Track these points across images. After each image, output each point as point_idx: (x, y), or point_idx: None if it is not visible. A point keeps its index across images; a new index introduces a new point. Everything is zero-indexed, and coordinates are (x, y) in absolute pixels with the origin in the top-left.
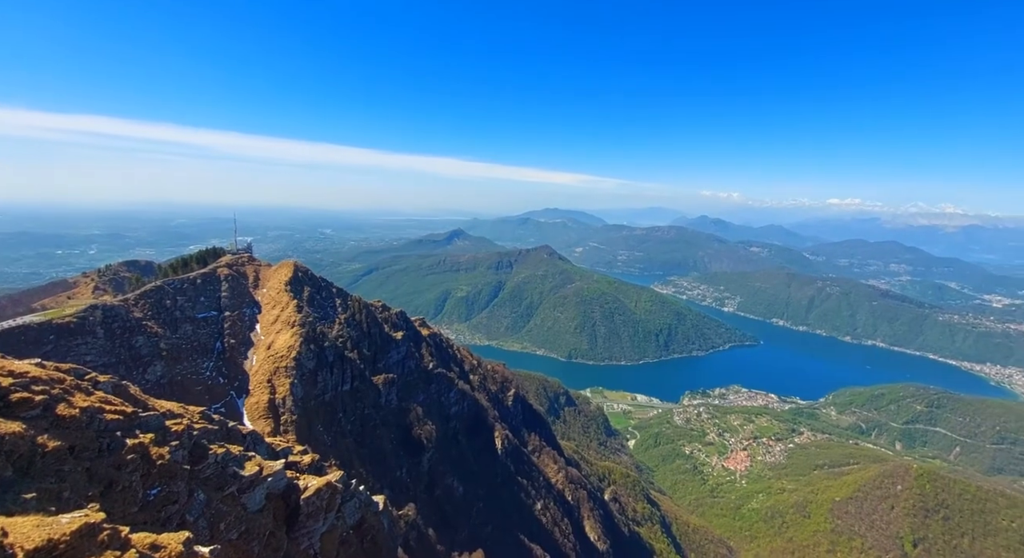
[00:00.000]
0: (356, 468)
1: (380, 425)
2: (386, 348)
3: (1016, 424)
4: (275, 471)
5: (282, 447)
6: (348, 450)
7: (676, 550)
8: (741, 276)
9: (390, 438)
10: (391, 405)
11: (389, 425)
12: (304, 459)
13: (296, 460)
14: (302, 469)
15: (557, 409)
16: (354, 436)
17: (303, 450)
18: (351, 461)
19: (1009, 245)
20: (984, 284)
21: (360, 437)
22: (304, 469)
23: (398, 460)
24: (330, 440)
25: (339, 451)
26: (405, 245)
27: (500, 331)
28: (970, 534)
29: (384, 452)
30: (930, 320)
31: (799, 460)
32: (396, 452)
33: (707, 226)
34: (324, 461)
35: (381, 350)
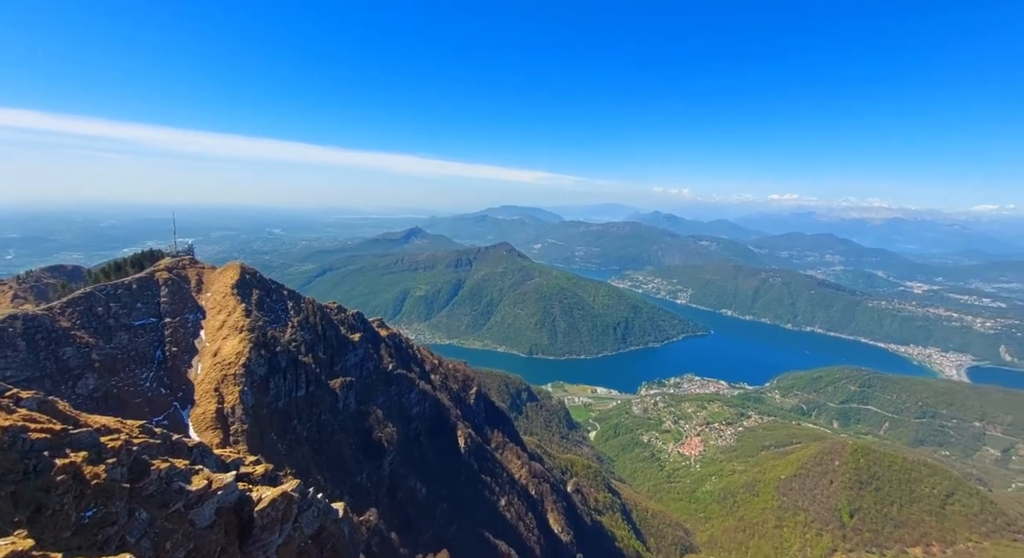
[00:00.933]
0: (314, 476)
1: (338, 430)
2: (343, 351)
3: (935, 399)
4: (225, 484)
5: (232, 458)
6: (305, 458)
7: (636, 536)
8: (692, 269)
9: (349, 443)
10: (349, 409)
11: (348, 430)
12: (257, 469)
13: (248, 471)
14: (255, 480)
15: (519, 405)
16: (311, 443)
17: (256, 460)
18: (308, 469)
19: (927, 236)
20: (906, 272)
21: (317, 443)
22: (257, 480)
23: (358, 465)
24: (285, 448)
25: (295, 459)
26: (361, 244)
27: (461, 329)
28: (898, 502)
29: (343, 457)
30: (861, 307)
31: (748, 442)
32: (356, 457)
33: (660, 221)
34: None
35: (338, 353)
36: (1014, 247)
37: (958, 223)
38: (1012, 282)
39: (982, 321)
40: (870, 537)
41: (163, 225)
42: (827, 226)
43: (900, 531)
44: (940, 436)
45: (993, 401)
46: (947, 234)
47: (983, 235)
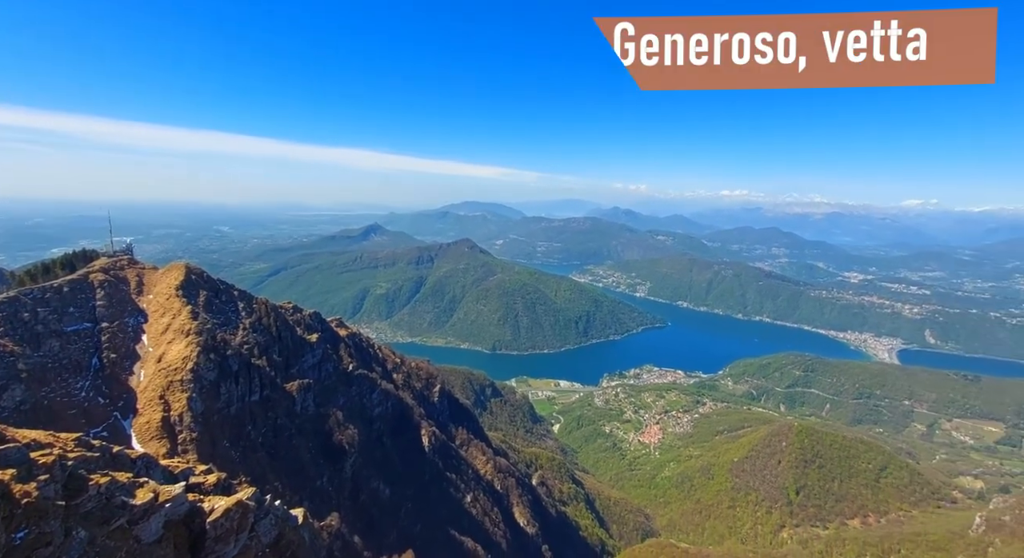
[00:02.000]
0: (271, 482)
1: (296, 434)
2: (300, 352)
3: (870, 381)
4: (174, 496)
5: (181, 469)
6: (261, 464)
7: (600, 524)
8: (650, 263)
9: (308, 447)
10: (308, 412)
11: (306, 433)
12: (209, 479)
13: (199, 481)
14: (207, 490)
15: (484, 401)
16: (267, 449)
17: (207, 469)
18: (265, 475)
19: (862, 229)
20: (844, 263)
21: (274, 449)
22: (209, 490)
23: (318, 469)
24: (239, 456)
25: (250, 466)
26: (317, 242)
27: (423, 327)
28: (839, 477)
29: (302, 462)
30: (804, 296)
31: (703, 428)
32: (315, 461)
33: (619, 216)
34: (233, 479)
35: (294, 355)
36: (936, 239)
37: (889, 217)
38: (935, 271)
39: (910, 308)
40: (814, 512)
41: (97, 223)
42: (773, 220)
43: (841, 505)
44: (874, 415)
45: (920, 381)
46: (879, 227)
47: (910, 228)
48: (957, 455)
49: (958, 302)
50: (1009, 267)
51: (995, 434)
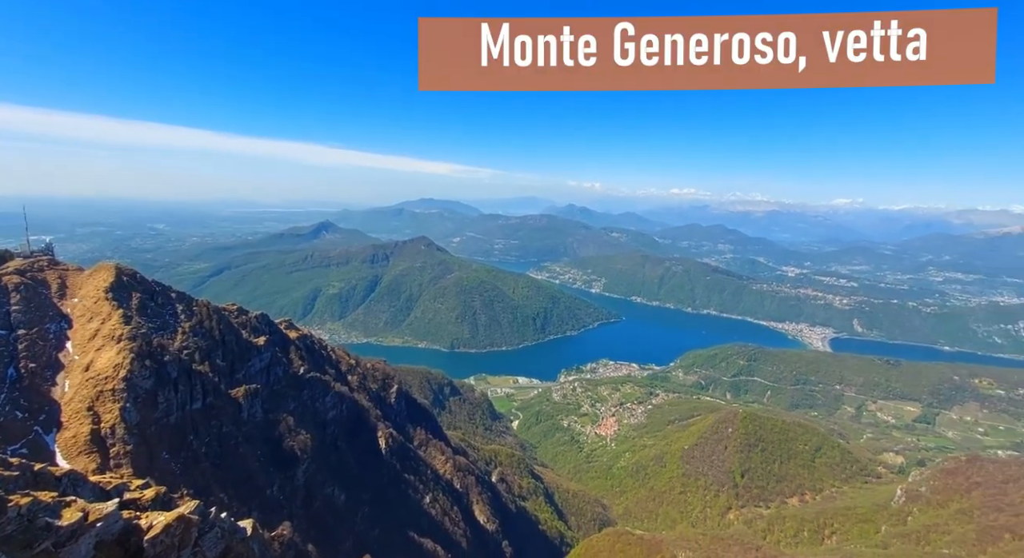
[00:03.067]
0: (216, 494)
1: (243, 442)
2: (246, 356)
3: (806, 368)
4: (106, 514)
5: (114, 485)
6: (204, 475)
7: (559, 516)
8: (605, 259)
9: (256, 455)
10: (256, 418)
11: (255, 441)
12: (146, 494)
13: (135, 497)
14: (144, 506)
15: (442, 400)
16: (212, 459)
17: (144, 484)
18: (209, 487)
19: (798, 226)
20: (782, 258)
21: (219, 459)
22: (146, 506)
23: (268, 477)
24: (180, 468)
25: (193, 478)
26: (263, 240)
27: (379, 327)
28: (779, 459)
29: (250, 471)
30: (747, 290)
31: (656, 418)
32: (265, 469)
33: (574, 214)
34: (174, 492)
35: (240, 359)
36: (862, 235)
37: (821, 214)
38: (861, 264)
39: (840, 299)
40: (758, 493)
41: (10, 220)
42: (719, 218)
43: (781, 485)
44: (810, 399)
45: (849, 366)
46: (813, 224)
47: (840, 225)
48: (881, 434)
49: (881, 293)
50: (923, 261)
51: (913, 413)
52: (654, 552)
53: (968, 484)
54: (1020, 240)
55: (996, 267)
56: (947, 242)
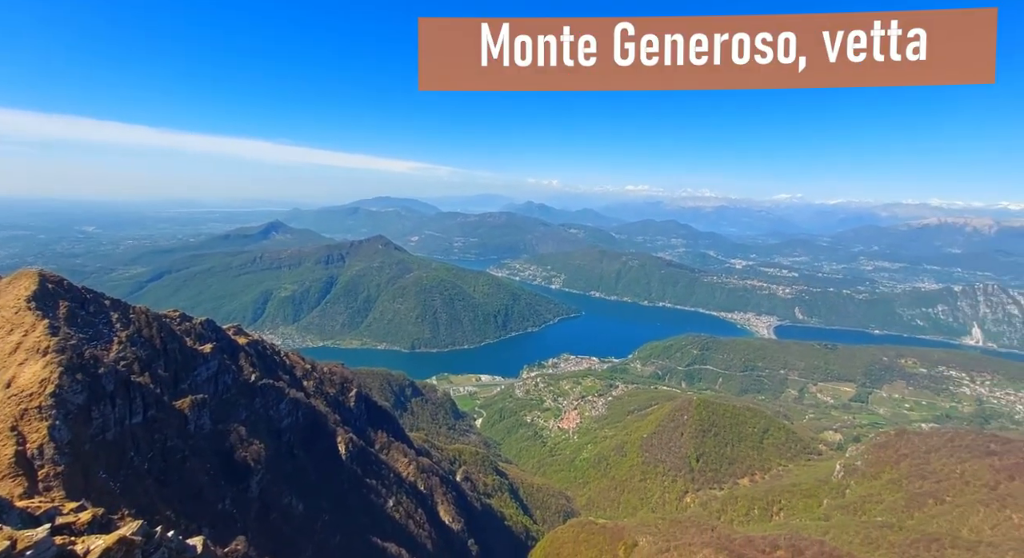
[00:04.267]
0: (162, 512)
1: (191, 456)
2: (191, 365)
3: (753, 355)
4: (37, 541)
5: (45, 509)
6: (148, 493)
7: (524, 511)
8: (564, 255)
9: (206, 468)
10: (204, 430)
11: (203, 453)
12: (82, 517)
13: (69, 521)
14: (79, 530)
15: (404, 401)
16: (156, 475)
17: (79, 506)
18: (154, 505)
19: (743, 220)
20: (731, 251)
21: (164, 474)
22: (83, 529)
23: (219, 491)
24: (120, 486)
25: (135, 497)
26: (207, 241)
27: (336, 329)
28: (731, 442)
29: (200, 485)
30: (699, 282)
31: (617, 409)
32: (216, 482)
33: (533, 211)
34: (113, 514)
35: (184, 368)
36: (801, 228)
37: (764, 209)
38: (801, 256)
39: (782, 289)
40: (712, 476)
41: None
42: (671, 213)
43: (733, 467)
44: (757, 384)
45: (792, 352)
46: (758, 218)
47: (781, 219)
48: (821, 413)
49: (819, 282)
50: (855, 251)
51: (849, 393)
52: (616, 539)
53: (897, 456)
54: (938, 231)
55: (918, 256)
56: (876, 233)
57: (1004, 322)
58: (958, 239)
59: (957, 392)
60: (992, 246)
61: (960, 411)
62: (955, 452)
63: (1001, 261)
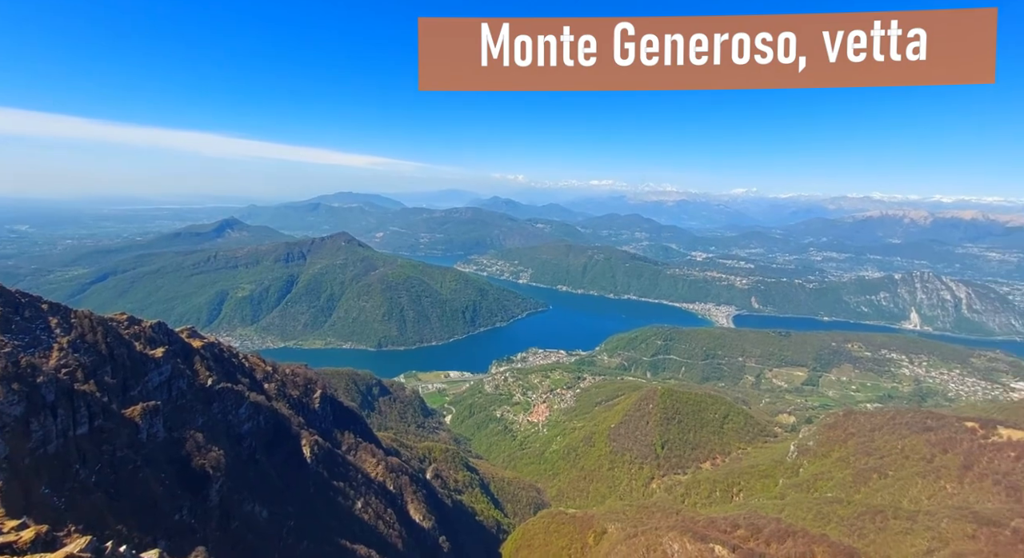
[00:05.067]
0: (112, 526)
1: (144, 465)
2: (141, 371)
3: (713, 344)
4: None
5: None
6: (97, 507)
7: (495, 505)
8: (531, 250)
9: (160, 478)
10: (157, 439)
11: (157, 463)
12: (23, 535)
13: (10, 540)
14: (22, 549)
15: (371, 401)
16: (105, 487)
17: (19, 524)
18: (104, 519)
19: (703, 214)
20: (691, 244)
21: (114, 487)
22: (25, 549)
23: (175, 501)
24: (65, 501)
25: (82, 512)
26: (156, 240)
27: (298, 329)
28: (693, 429)
29: (154, 497)
30: (662, 275)
31: (585, 401)
32: (172, 493)
33: (499, 206)
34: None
35: (133, 375)
36: (756, 221)
37: (723, 203)
38: (757, 248)
39: (740, 279)
40: (676, 461)
41: None
42: (635, 207)
43: (696, 452)
44: (718, 372)
45: (749, 340)
46: (716, 212)
47: (738, 212)
48: (777, 398)
49: (773, 273)
50: (806, 243)
51: (801, 377)
52: (586, 528)
53: (845, 435)
54: (879, 223)
55: (862, 246)
56: (824, 225)
57: (938, 307)
58: (897, 230)
59: (897, 373)
60: (927, 236)
61: (900, 391)
62: (896, 429)
63: (936, 250)
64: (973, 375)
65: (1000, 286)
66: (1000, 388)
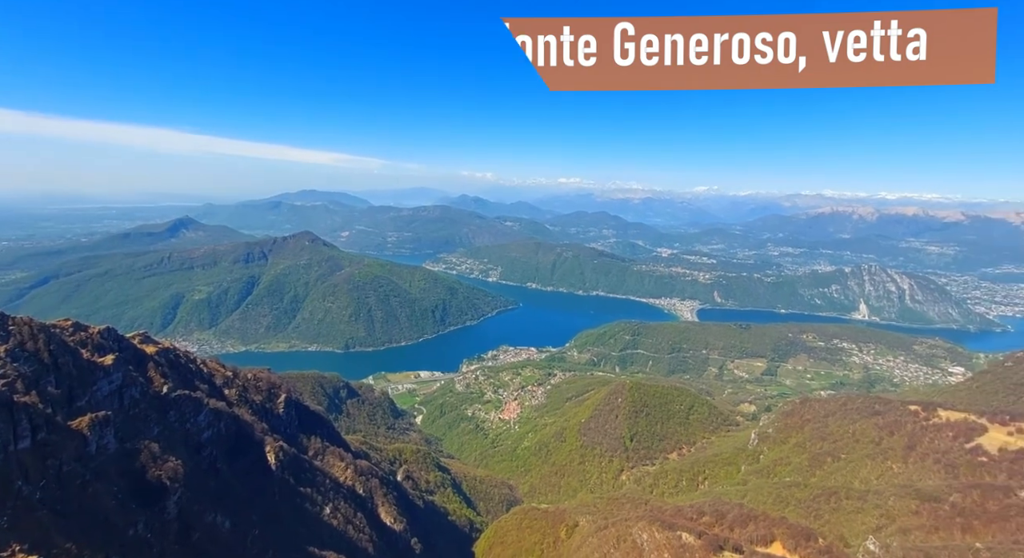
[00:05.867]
0: (60, 545)
1: (94, 480)
2: (89, 380)
3: (679, 337)
4: None
5: None
6: (43, 525)
7: (468, 504)
8: (500, 248)
9: (112, 492)
10: (108, 451)
11: (108, 476)
12: None
13: None
14: None
15: (339, 404)
16: (50, 504)
17: None
18: (50, 538)
19: (667, 211)
20: (657, 240)
21: (61, 503)
22: None
23: (130, 515)
24: (7, 520)
25: (26, 531)
26: (103, 241)
27: (260, 332)
28: (661, 420)
29: (105, 512)
30: (629, 271)
31: (555, 397)
32: (125, 506)
33: (468, 204)
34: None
35: (81, 384)
36: (718, 217)
37: (686, 200)
38: (718, 244)
39: (703, 274)
40: (645, 453)
41: None
42: (602, 205)
43: (663, 443)
44: (683, 365)
45: (712, 333)
46: (680, 209)
47: (701, 209)
48: (738, 388)
49: (734, 268)
50: (764, 238)
51: (761, 368)
52: (558, 522)
53: (801, 421)
54: (831, 219)
55: (815, 241)
56: (780, 222)
57: (884, 298)
58: (847, 226)
59: (848, 361)
60: (874, 231)
61: (851, 378)
62: (847, 414)
63: (882, 244)
64: (916, 361)
65: (939, 277)
66: (939, 373)
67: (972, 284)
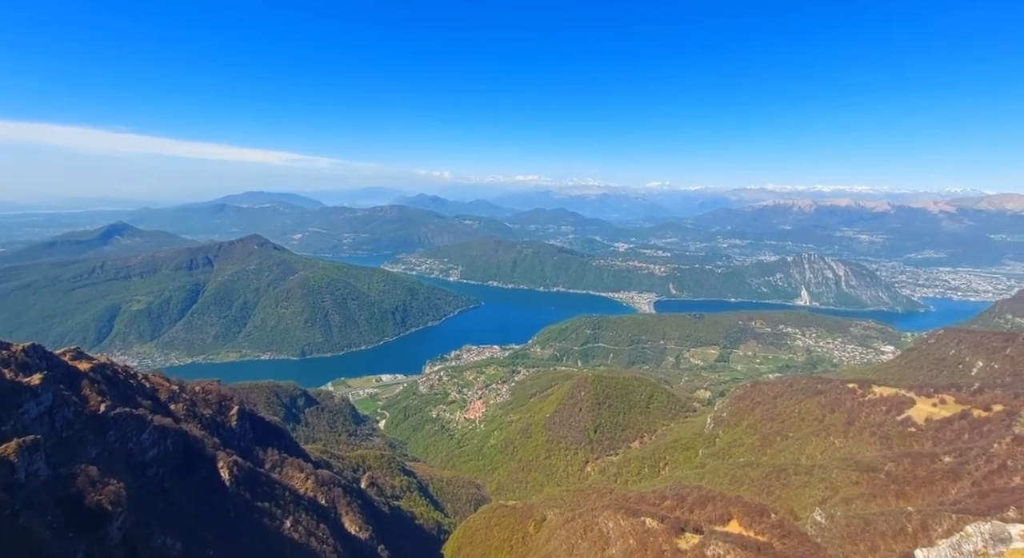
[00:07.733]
0: None
1: (24, 509)
2: (13, 402)
3: (638, 329)
4: None
5: None
6: None
7: (435, 507)
8: (460, 247)
9: (47, 522)
10: (40, 477)
11: (41, 505)
12: None
13: None
14: None
15: (296, 413)
16: None
17: None
18: None
19: (623, 206)
20: (614, 235)
21: None
22: None
23: (67, 545)
24: None
25: None
26: (25, 251)
27: (207, 342)
28: (623, 411)
29: (39, 542)
30: (588, 266)
31: (520, 394)
32: (61, 536)
33: (426, 203)
34: None
35: (4, 407)
36: (671, 212)
37: (640, 196)
38: (672, 237)
39: (658, 267)
40: (608, 444)
41: None
42: (560, 202)
43: (625, 433)
44: (643, 356)
45: (669, 323)
46: (635, 205)
47: (655, 204)
48: (694, 375)
49: (687, 260)
50: (714, 231)
51: (714, 355)
52: (526, 518)
53: (752, 404)
54: (773, 211)
55: (760, 232)
56: (728, 215)
57: (823, 285)
58: (788, 217)
59: (793, 345)
60: (812, 222)
61: (796, 361)
62: (794, 395)
63: (819, 234)
64: (852, 342)
65: (870, 263)
66: (873, 352)
67: (898, 269)
